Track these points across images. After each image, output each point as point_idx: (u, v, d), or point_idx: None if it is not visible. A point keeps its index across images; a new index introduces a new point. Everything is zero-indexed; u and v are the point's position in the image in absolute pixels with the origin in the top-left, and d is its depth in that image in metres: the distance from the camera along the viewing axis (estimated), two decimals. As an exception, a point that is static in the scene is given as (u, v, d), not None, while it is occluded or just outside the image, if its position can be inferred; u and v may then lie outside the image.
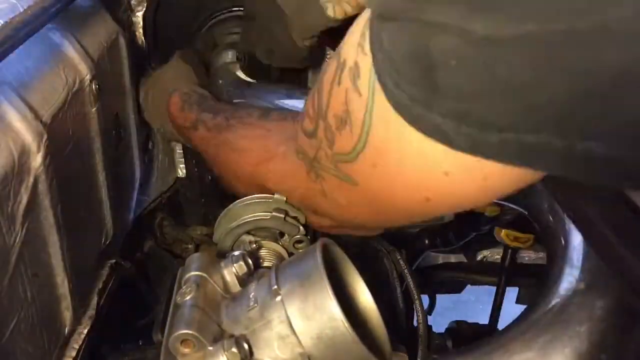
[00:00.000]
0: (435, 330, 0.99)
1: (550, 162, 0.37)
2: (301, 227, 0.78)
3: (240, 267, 0.66)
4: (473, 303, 2.27)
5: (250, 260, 0.67)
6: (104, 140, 0.81)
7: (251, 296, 0.62)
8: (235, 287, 0.66)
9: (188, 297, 0.62)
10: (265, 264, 0.75)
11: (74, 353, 0.74)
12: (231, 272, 0.66)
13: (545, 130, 0.35)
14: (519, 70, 0.33)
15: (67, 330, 0.72)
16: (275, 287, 0.60)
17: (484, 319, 1.22)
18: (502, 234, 1.15)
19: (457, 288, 1.45)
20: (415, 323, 0.87)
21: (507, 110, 0.35)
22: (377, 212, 0.59)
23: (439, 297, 1.35)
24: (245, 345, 0.58)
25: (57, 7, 0.67)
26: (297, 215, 0.76)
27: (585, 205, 0.72)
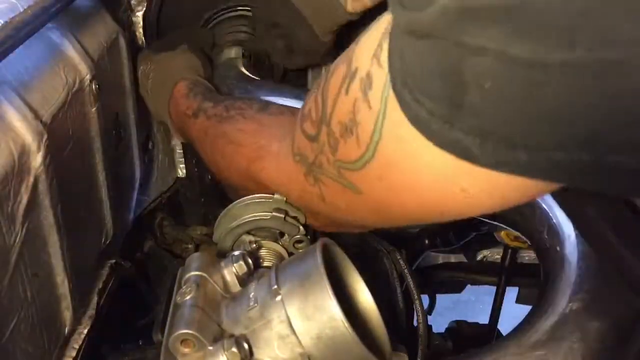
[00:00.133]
0: (435, 330, 0.99)
1: (577, 177, 0.36)
2: (301, 227, 0.78)
3: (240, 267, 0.66)
4: (473, 303, 2.27)
5: (250, 260, 0.67)
6: (104, 140, 0.81)
7: (251, 296, 0.62)
8: (235, 287, 0.66)
9: (188, 297, 0.62)
10: (265, 264, 0.75)
11: (74, 353, 0.74)
12: (231, 272, 0.66)
13: (574, 148, 0.34)
14: (559, 96, 0.33)
15: (67, 330, 0.72)
16: (275, 287, 0.60)
17: (484, 319, 1.22)
18: (502, 234, 1.15)
19: (457, 288, 1.45)
20: (415, 323, 0.87)
21: (538, 132, 0.35)
22: (380, 217, 0.58)
23: (439, 297, 1.35)
24: (245, 345, 0.58)
25: (57, 7, 0.67)
26: (297, 215, 0.76)
27: (585, 205, 0.72)
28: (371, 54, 0.45)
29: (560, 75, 0.32)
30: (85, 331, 0.77)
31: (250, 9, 1.10)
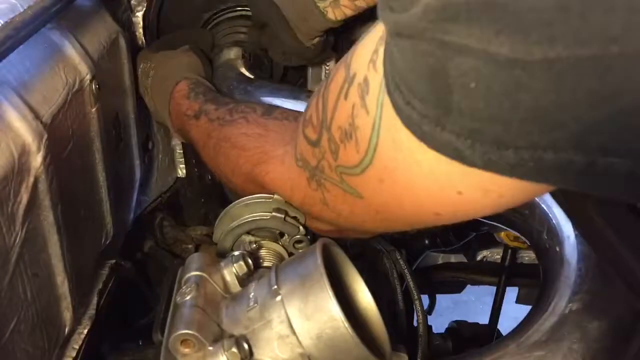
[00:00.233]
0: (435, 330, 0.99)
1: (569, 178, 0.36)
2: (301, 227, 0.78)
3: (240, 267, 0.66)
4: (473, 303, 2.27)
5: (250, 260, 0.67)
6: (104, 140, 0.81)
7: (251, 296, 0.62)
8: (235, 287, 0.66)
9: (188, 297, 0.62)
10: (265, 264, 0.75)
11: (74, 353, 0.74)
12: (231, 272, 0.66)
13: (565, 148, 0.34)
14: (544, 94, 0.32)
15: (67, 330, 0.72)
16: (275, 287, 0.60)
17: (484, 319, 1.22)
18: (502, 234, 1.15)
19: (457, 288, 1.45)
20: (415, 323, 0.87)
21: (526, 131, 0.34)
22: (381, 222, 0.58)
23: (439, 297, 1.34)
24: (245, 345, 0.58)
25: (57, 7, 0.67)
26: (297, 215, 0.76)
27: (586, 206, 0.72)
28: (368, 59, 0.45)
29: (542, 72, 0.31)
30: (85, 331, 0.77)
31: (247, 8, 1.10)
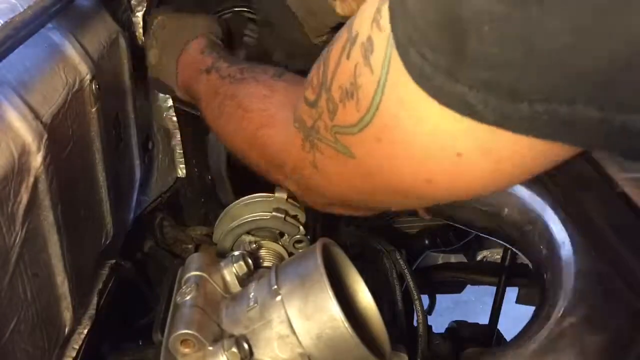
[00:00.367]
0: (435, 330, 0.99)
1: (582, 135, 0.35)
2: (301, 227, 0.78)
3: (240, 267, 0.66)
4: (473, 303, 2.27)
5: (250, 260, 0.67)
6: (104, 140, 0.81)
7: (251, 296, 0.62)
8: (235, 287, 0.66)
9: (188, 297, 0.62)
10: (265, 264, 0.75)
11: (74, 353, 0.74)
12: (231, 272, 0.66)
13: (580, 101, 0.33)
14: (559, 35, 0.31)
15: (67, 330, 0.72)
16: (275, 287, 0.60)
17: (484, 319, 1.22)
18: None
19: (457, 288, 1.45)
20: (415, 323, 0.87)
21: (542, 78, 0.33)
22: (369, 189, 0.57)
23: (439, 297, 1.34)
24: (245, 345, 0.58)
25: (57, 7, 0.67)
26: (297, 215, 0.76)
27: (586, 205, 0.72)
28: (371, 19, 0.45)
29: (559, 9, 0.30)
30: (85, 331, 0.77)
31: (247, 9, 1.09)
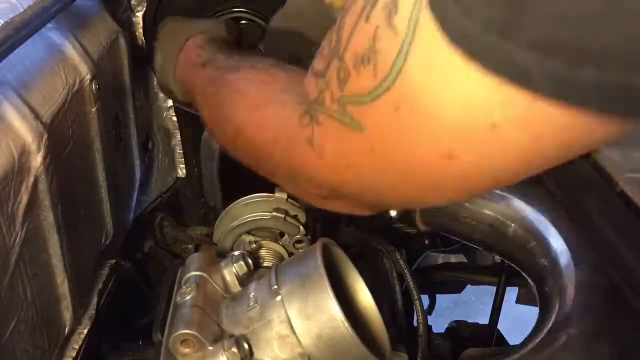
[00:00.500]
0: (435, 330, 0.99)
1: None
2: (301, 227, 0.78)
3: (240, 267, 0.66)
4: (473, 303, 2.27)
5: (250, 260, 0.67)
6: (104, 140, 0.81)
7: (251, 296, 0.62)
8: (235, 287, 0.66)
9: (188, 297, 0.62)
10: (265, 264, 0.75)
11: (74, 353, 0.74)
12: (231, 272, 0.66)
13: None
14: None
15: (67, 330, 0.72)
16: (275, 287, 0.60)
17: (484, 319, 1.22)
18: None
19: (457, 288, 1.45)
20: (415, 323, 0.87)
21: (616, 42, 0.29)
22: (369, 170, 0.51)
23: (439, 297, 1.34)
24: (245, 345, 0.58)
25: (57, 7, 0.67)
26: (297, 215, 0.76)
27: (586, 205, 0.72)
28: None
29: None
30: (85, 331, 0.77)
31: (246, 9, 1.09)
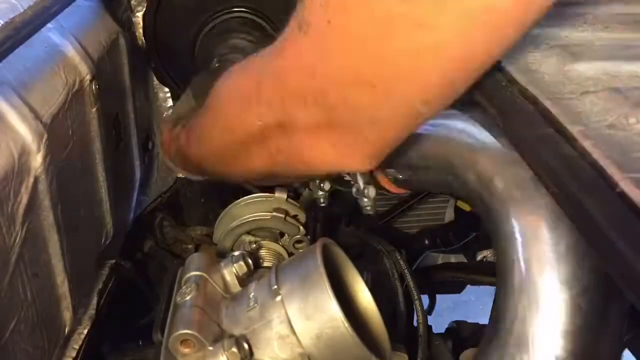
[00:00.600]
0: (435, 330, 0.99)
1: None
2: (301, 227, 0.78)
3: (240, 267, 0.66)
4: (473, 303, 2.27)
5: (250, 260, 0.67)
6: (104, 140, 0.81)
7: (251, 296, 0.62)
8: (235, 287, 0.66)
9: (188, 297, 0.62)
10: (265, 264, 0.75)
11: (74, 353, 0.74)
12: (231, 272, 0.66)
13: None
14: None
15: (67, 330, 0.72)
16: (275, 287, 0.60)
17: (484, 319, 1.22)
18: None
19: (457, 288, 1.45)
20: (415, 323, 0.87)
21: None
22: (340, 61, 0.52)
23: (439, 297, 1.34)
24: (245, 345, 0.58)
25: (57, 7, 0.67)
26: (297, 215, 0.76)
27: (586, 205, 0.72)
28: None
29: None
30: (85, 331, 0.77)
31: (246, 9, 1.09)
